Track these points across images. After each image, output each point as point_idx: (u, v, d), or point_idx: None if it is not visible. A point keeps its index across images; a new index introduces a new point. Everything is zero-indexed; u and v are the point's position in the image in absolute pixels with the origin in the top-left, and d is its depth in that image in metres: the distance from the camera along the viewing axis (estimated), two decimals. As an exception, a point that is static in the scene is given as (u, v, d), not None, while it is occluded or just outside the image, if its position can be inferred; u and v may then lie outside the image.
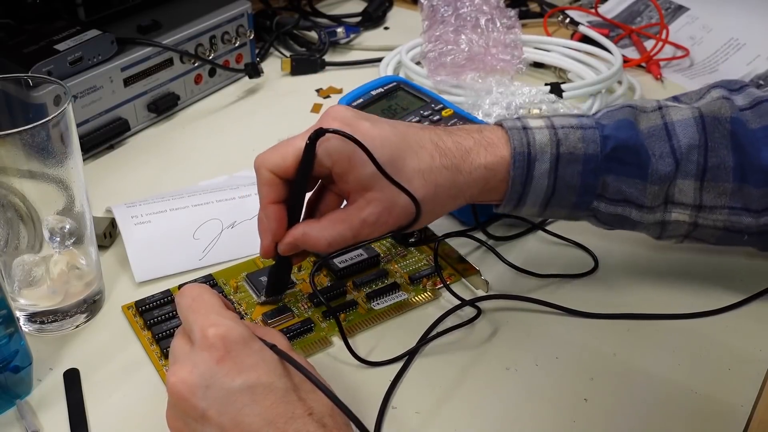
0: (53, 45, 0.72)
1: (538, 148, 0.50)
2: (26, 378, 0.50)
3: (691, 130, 0.51)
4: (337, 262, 0.60)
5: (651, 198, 0.52)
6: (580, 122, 0.52)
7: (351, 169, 0.47)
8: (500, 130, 0.52)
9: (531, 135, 0.51)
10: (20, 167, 0.49)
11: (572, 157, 0.51)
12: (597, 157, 0.51)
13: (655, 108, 0.53)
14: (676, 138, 0.51)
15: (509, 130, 0.51)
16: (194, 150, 0.78)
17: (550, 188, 0.51)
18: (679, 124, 0.52)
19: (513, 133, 0.51)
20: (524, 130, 0.51)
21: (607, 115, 0.53)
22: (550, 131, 0.51)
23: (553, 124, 0.52)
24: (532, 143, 0.51)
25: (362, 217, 0.48)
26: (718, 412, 0.49)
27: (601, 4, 1.06)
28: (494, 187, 0.51)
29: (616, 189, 0.51)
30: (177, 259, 0.61)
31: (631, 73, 0.90)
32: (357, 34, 1.03)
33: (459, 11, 0.85)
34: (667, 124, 0.52)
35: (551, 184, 0.51)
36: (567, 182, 0.51)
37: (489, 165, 0.50)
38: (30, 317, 0.54)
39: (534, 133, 0.51)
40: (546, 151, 0.50)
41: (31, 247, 0.53)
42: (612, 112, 0.53)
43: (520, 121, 0.52)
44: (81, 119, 0.74)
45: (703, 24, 1.00)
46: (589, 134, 0.51)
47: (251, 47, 0.91)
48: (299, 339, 0.54)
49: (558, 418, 0.48)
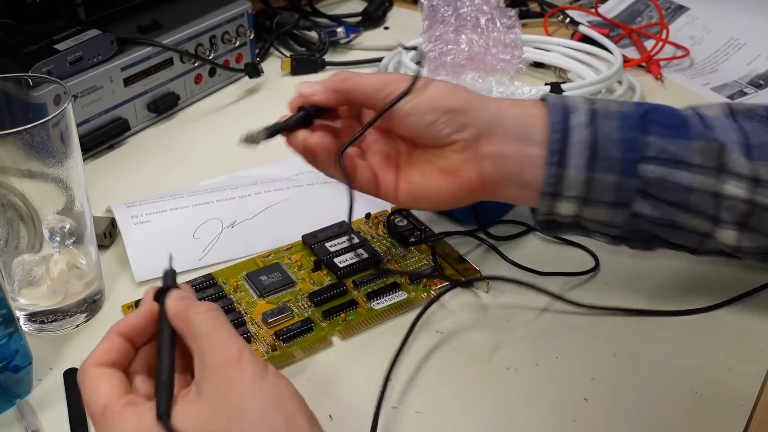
0: (53, 45, 0.72)
1: (571, 102, 0.50)
2: (26, 378, 0.50)
3: (724, 120, 0.50)
4: (338, 261, 0.60)
5: (699, 154, 0.48)
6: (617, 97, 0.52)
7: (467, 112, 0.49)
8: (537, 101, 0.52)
9: (566, 98, 0.51)
10: (20, 167, 0.49)
11: (608, 114, 0.49)
12: (634, 115, 0.49)
13: (687, 108, 0.52)
14: (710, 124, 0.49)
15: (545, 97, 0.51)
16: (194, 150, 0.78)
17: (591, 140, 0.48)
18: (711, 114, 0.51)
19: (548, 97, 0.51)
20: (560, 97, 0.51)
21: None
22: (585, 99, 0.51)
23: (591, 100, 0.51)
24: (567, 100, 0.50)
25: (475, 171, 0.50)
26: (718, 412, 0.49)
27: (601, 4, 1.06)
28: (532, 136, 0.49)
29: (660, 147, 0.48)
30: (177, 259, 0.61)
31: (631, 73, 0.90)
32: (357, 34, 1.03)
33: (459, 11, 0.85)
34: (700, 114, 0.51)
35: (591, 135, 0.48)
36: (607, 134, 0.48)
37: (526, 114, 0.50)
38: (30, 317, 0.54)
39: (568, 96, 0.51)
40: (580, 106, 0.50)
41: (31, 247, 0.53)
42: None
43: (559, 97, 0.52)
44: (81, 119, 0.74)
45: (703, 24, 1.00)
46: (623, 103, 0.51)
47: (251, 47, 0.91)
48: (299, 339, 0.54)
49: (558, 418, 0.48)
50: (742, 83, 0.90)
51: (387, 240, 0.63)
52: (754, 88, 0.89)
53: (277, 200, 0.67)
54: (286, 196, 0.67)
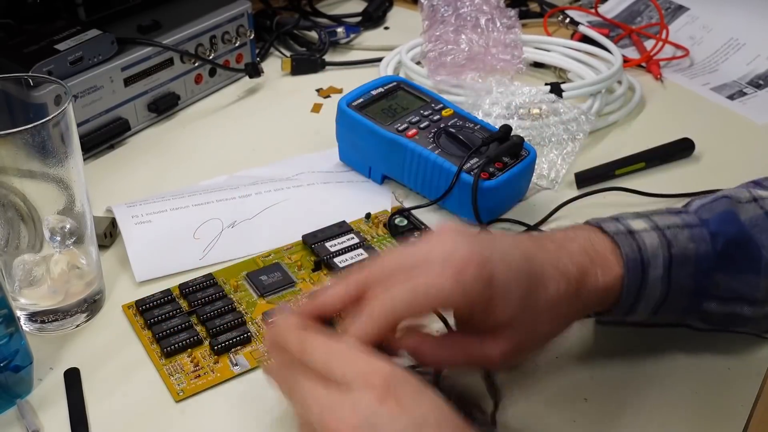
0: (53, 45, 0.72)
1: (650, 252, 0.47)
2: (27, 377, 0.50)
3: None
4: (338, 261, 0.60)
5: (765, 291, 0.49)
6: (684, 220, 0.49)
7: (488, 313, 0.43)
8: (606, 239, 0.48)
9: (640, 239, 0.47)
10: (21, 167, 0.49)
11: (685, 259, 0.47)
12: (709, 256, 0.48)
13: (750, 199, 0.51)
14: None
15: (615, 235, 0.47)
16: (194, 150, 0.78)
17: (663, 294, 0.48)
18: None
19: (621, 239, 0.47)
20: (630, 235, 0.48)
21: (705, 209, 0.50)
22: (657, 233, 0.48)
23: (658, 225, 0.48)
24: (643, 248, 0.47)
25: (486, 352, 0.44)
26: (718, 412, 0.49)
27: (601, 4, 1.06)
28: (607, 302, 0.48)
29: (729, 287, 0.49)
30: (177, 259, 0.61)
31: (631, 73, 0.90)
32: (357, 34, 1.03)
33: (459, 11, 0.85)
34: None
35: (665, 289, 0.48)
36: (680, 285, 0.48)
37: (607, 286, 0.47)
38: (30, 317, 0.54)
39: (642, 237, 0.48)
40: (658, 254, 0.47)
41: (31, 247, 0.53)
42: (709, 205, 0.50)
43: (621, 223, 0.49)
44: (81, 119, 0.74)
45: (703, 24, 1.00)
46: (697, 233, 0.48)
47: (251, 47, 0.91)
48: (299, 338, 0.54)
49: (558, 418, 0.48)
50: (742, 83, 0.90)
51: (387, 240, 0.63)
52: (753, 88, 0.89)
53: (277, 200, 0.67)
54: (286, 196, 0.68)
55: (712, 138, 0.78)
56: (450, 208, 0.67)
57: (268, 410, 0.49)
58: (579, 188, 0.71)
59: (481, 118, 0.71)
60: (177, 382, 0.51)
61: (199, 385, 0.51)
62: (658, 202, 0.68)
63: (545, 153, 0.72)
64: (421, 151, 0.65)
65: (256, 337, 0.54)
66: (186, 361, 0.52)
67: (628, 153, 0.74)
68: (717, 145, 0.77)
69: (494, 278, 0.41)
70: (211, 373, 0.51)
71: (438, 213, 0.67)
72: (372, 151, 0.69)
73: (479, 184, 0.62)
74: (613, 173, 0.72)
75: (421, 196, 0.68)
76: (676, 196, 0.69)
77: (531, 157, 0.66)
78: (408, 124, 0.68)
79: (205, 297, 0.56)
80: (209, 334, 0.54)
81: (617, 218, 0.49)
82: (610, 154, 0.74)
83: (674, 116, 0.84)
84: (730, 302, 0.49)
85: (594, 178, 0.71)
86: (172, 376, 0.51)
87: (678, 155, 0.75)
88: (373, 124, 0.67)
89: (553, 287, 0.44)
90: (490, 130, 0.67)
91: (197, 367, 0.52)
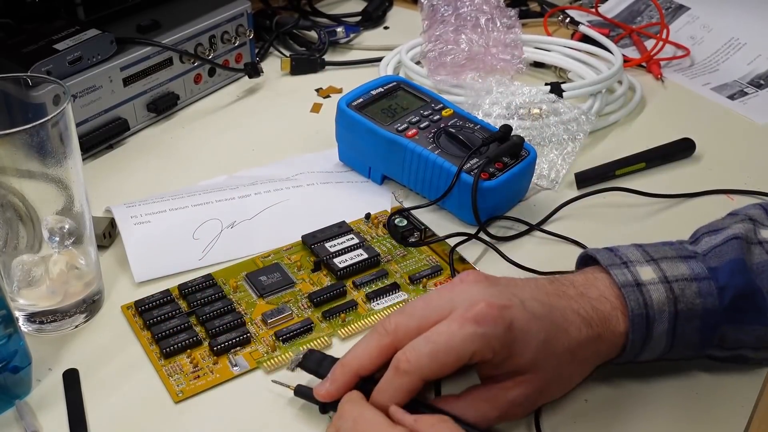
0: (52, 45, 0.71)
1: (656, 308, 0.47)
2: (25, 378, 0.50)
3: None
4: (337, 262, 0.59)
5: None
6: (692, 271, 0.48)
7: (509, 357, 0.44)
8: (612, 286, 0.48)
9: (647, 293, 0.47)
10: (19, 167, 0.49)
11: (691, 314, 0.48)
12: (716, 311, 0.48)
13: (756, 242, 0.50)
14: None
15: (623, 287, 0.47)
16: (194, 150, 0.78)
17: (667, 347, 0.49)
18: None
19: (628, 292, 0.47)
20: (638, 288, 0.47)
21: (715, 255, 0.49)
22: (665, 286, 0.48)
23: (666, 277, 0.48)
24: (649, 303, 0.47)
25: (509, 399, 0.45)
26: (718, 412, 0.49)
27: (602, 4, 1.06)
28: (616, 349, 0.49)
29: (734, 338, 0.49)
30: (176, 259, 0.61)
31: (632, 72, 0.90)
32: (357, 34, 1.03)
33: (459, 11, 0.85)
34: None
35: (669, 342, 0.48)
36: (686, 339, 0.48)
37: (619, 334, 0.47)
38: (29, 317, 0.54)
39: (649, 290, 0.47)
40: (664, 310, 0.47)
41: (30, 247, 0.52)
42: (720, 249, 0.49)
43: (629, 271, 0.48)
44: (80, 119, 0.74)
45: (704, 24, 1.00)
46: (704, 287, 0.48)
47: (251, 47, 0.91)
48: (299, 339, 0.54)
49: (558, 418, 0.48)
50: (743, 83, 0.90)
51: (387, 240, 0.63)
52: (754, 87, 0.89)
53: (276, 200, 0.67)
54: (286, 196, 0.67)
55: (712, 138, 0.78)
56: (450, 209, 0.67)
57: (268, 411, 0.49)
58: (579, 188, 0.70)
59: (481, 118, 0.71)
60: (176, 383, 0.51)
61: (199, 386, 0.50)
62: (658, 202, 0.68)
63: (545, 153, 0.72)
64: (421, 151, 0.65)
65: (255, 337, 0.54)
66: (185, 362, 0.52)
67: (628, 153, 0.74)
68: (717, 145, 0.77)
69: (514, 324, 0.44)
70: (210, 373, 0.51)
71: (438, 213, 0.67)
72: (372, 151, 0.69)
73: (479, 184, 0.62)
74: (614, 173, 0.72)
75: (420, 196, 0.68)
76: (676, 197, 0.69)
77: (531, 157, 0.66)
78: (408, 124, 0.67)
79: (204, 297, 0.56)
80: (208, 335, 0.54)
81: (627, 264, 0.49)
82: (610, 154, 0.74)
83: (675, 116, 0.84)
84: (734, 349, 0.50)
85: (594, 178, 0.71)
86: (172, 377, 0.51)
87: (678, 155, 0.75)
88: (373, 124, 0.67)
89: (574, 332, 0.46)
90: (490, 130, 0.67)
91: (196, 367, 0.52)
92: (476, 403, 0.46)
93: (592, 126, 0.75)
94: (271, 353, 0.53)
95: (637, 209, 0.68)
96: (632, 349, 0.48)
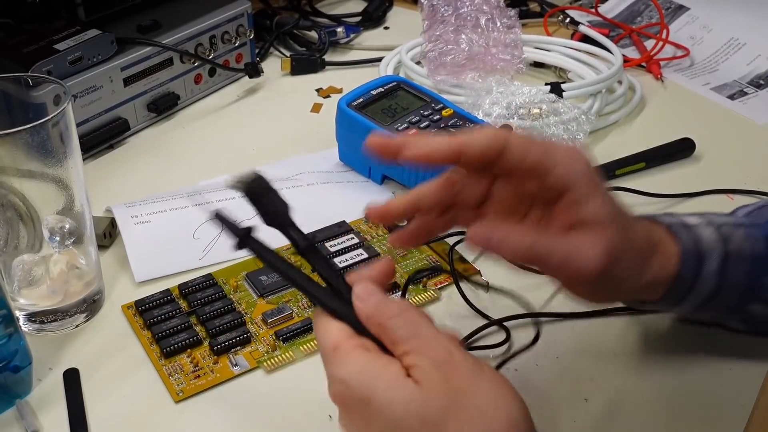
0: (53, 45, 0.72)
1: (706, 246, 0.46)
2: (26, 378, 0.50)
3: None
4: (338, 262, 0.59)
5: None
6: (737, 220, 0.48)
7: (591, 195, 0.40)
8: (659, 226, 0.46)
9: (696, 232, 0.47)
10: (20, 167, 0.49)
11: (741, 256, 0.47)
12: (764, 257, 0.47)
13: None
14: None
15: (671, 226, 0.46)
16: (194, 150, 0.78)
17: (713, 289, 0.47)
18: None
19: (678, 230, 0.46)
20: (686, 228, 0.47)
21: (753, 215, 0.50)
22: (713, 228, 0.47)
23: (713, 222, 0.48)
24: (699, 241, 0.46)
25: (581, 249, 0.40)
26: (718, 412, 0.49)
27: (602, 4, 1.06)
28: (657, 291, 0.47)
29: None
30: (177, 259, 0.61)
31: (632, 72, 0.90)
32: (357, 34, 1.03)
33: (459, 11, 0.85)
34: None
35: (717, 283, 0.47)
36: (733, 282, 0.47)
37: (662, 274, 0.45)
38: (30, 317, 0.54)
39: (699, 230, 0.47)
40: (714, 248, 0.46)
41: (30, 247, 0.53)
42: (757, 212, 0.50)
43: (674, 216, 0.48)
44: (81, 119, 0.74)
45: (704, 24, 1.00)
46: (752, 232, 0.47)
47: (251, 47, 0.91)
48: (299, 339, 0.54)
49: (558, 418, 0.48)
50: (743, 83, 0.90)
51: (387, 240, 0.63)
52: (754, 87, 0.89)
53: (277, 200, 0.67)
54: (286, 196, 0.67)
55: (712, 138, 0.78)
56: (450, 208, 0.66)
57: (268, 411, 0.49)
58: (579, 188, 0.70)
59: (481, 118, 0.71)
60: (176, 383, 0.51)
61: (199, 386, 0.50)
62: (658, 202, 0.68)
63: (545, 153, 0.72)
64: (421, 151, 0.65)
65: (255, 337, 0.54)
66: (185, 362, 0.52)
67: (628, 153, 0.74)
68: (717, 145, 0.77)
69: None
70: (210, 373, 0.51)
71: (438, 213, 0.67)
72: (372, 151, 0.69)
73: (479, 184, 0.62)
74: (614, 173, 0.72)
75: (421, 196, 0.68)
76: (676, 196, 0.69)
77: (531, 157, 0.66)
78: (408, 124, 0.68)
79: (204, 297, 0.56)
80: (209, 335, 0.54)
81: (673, 214, 0.48)
82: (610, 154, 0.74)
83: (674, 116, 0.84)
84: None
85: (594, 178, 0.71)
86: (172, 377, 0.51)
87: (678, 155, 0.75)
88: (373, 124, 0.67)
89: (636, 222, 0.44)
90: (490, 130, 0.67)
91: (197, 367, 0.52)
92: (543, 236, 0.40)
93: (592, 126, 0.75)
94: (271, 353, 0.53)
95: (637, 209, 0.66)
96: (680, 288, 0.46)
